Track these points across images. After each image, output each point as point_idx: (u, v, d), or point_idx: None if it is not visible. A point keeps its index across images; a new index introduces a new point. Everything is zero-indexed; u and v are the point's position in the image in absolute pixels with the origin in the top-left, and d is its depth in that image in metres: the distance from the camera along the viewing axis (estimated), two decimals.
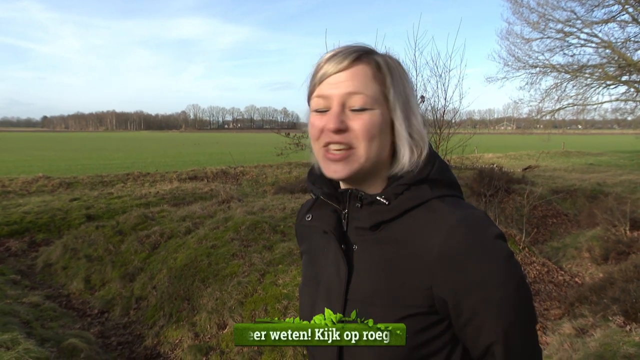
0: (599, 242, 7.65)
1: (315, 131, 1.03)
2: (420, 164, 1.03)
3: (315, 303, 1.10)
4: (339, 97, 0.99)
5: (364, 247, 1.03)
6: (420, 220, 0.98)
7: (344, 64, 0.98)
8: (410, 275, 0.97)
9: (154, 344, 5.25)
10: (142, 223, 8.60)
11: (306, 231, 1.24)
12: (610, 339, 4.09)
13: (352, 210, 1.06)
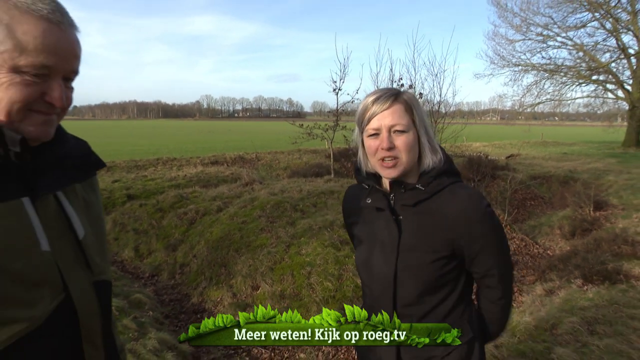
0: (568, 220, 8.04)
1: (373, 149, 1.42)
2: (441, 162, 1.47)
3: (372, 254, 1.50)
4: (386, 126, 1.38)
5: (407, 216, 1.44)
6: (444, 198, 1.41)
7: (386, 105, 1.39)
8: (438, 233, 1.40)
9: (199, 301, 5.70)
10: (179, 202, 9.00)
11: (360, 210, 1.60)
12: (570, 297, 4.55)
13: (397, 194, 1.46)
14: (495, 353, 3.63)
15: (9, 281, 0.85)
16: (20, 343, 0.88)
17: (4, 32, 0.86)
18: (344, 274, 5.34)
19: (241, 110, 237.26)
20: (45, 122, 0.95)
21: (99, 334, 1.05)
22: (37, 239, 0.92)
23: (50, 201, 0.98)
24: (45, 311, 0.92)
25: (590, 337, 3.77)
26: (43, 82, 0.91)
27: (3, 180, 0.89)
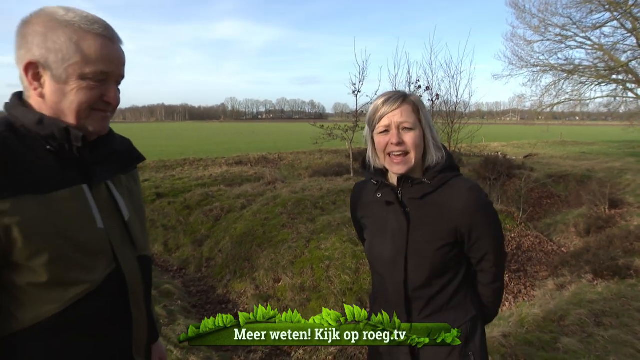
0: (583, 218, 8.03)
1: (383, 145, 1.54)
2: (444, 159, 1.59)
3: (384, 244, 1.61)
4: (396, 124, 1.50)
5: (415, 208, 1.56)
6: (447, 191, 1.54)
7: (396, 105, 1.51)
8: (443, 222, 1.52)
9: (224, 293, 5.92)
10: (205, 200, 9.27)
11: (369, 204, 1.72)
12: (580, 290, 4.61)
13: (405, 188, 1.58)
14: (503, 342, 3.73)
15: (75, 250, 1.06)
16: (82, 302, 1.08)
17: (74, 48, 1.07)
18: (361, 268, 5.49)
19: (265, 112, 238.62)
20: (103, 118, 1.16)
21: (142, 299, 1.24)
22: (94, 218, 1.12)
23: (103, 188, 1.18)
24: (101, 277, 1.11)
25: (596, 328, 3.85)
26: (102, 85, 1.12)
27: (68, 170, 1.10)
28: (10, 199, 0.97)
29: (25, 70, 1.08)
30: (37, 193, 1.02)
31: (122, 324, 1.18)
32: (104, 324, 1.14)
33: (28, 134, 1.07)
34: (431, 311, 1.56)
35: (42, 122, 1.07)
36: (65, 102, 1.09)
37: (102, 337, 1.14)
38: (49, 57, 1.06)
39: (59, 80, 1.08)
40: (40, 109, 1.10)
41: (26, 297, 1.03)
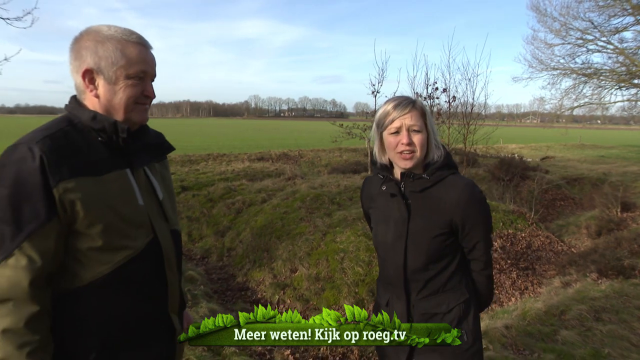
0: (595, 220, 8.05)
1: (394, 144, 1.68)
2: (442, 157, 1.77)
3: (387, 231, 1.78)
4: (406, 126, 1.68)
5: (415, 200, 1.74)
6: (445, 186, 1.71)
7: (406, 110, 1.67)
8: (440, 214, 1.69)
9: (244, 281, 6.17)
10: (227, 193, 9.57)
11: (376, 196, 1.90)
12: (584, 288, 4.72)
13: (407, 182, 1.74)
14: (505, 333, 3.88)
15: (121, 221, 1.30)
16: (127, 264, 1.32)
17: (119, 54, 1.32)
18: (374, 261, 5.68)
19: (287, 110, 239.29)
20: (144, 110, 1.41)
21: (175, 265, 1.47)
22: (136, 196, 1.36)
23: (141, 173, 1.43)
24: (142, 244, 1.35)
25: (595, 323, 3.97)
26: (142, 83, 1.37)
27: (115, 157, 1.35)
28: (74, 179, 1.21)
29: (83, 76, 1.33)
30: (92, 175, 1.26)
31: (159, 285, 1.42)
32: (145, 284, 1.37)
33: (84, 128, 1.32)
34: (428, 293, 1.72)
35: (96, 118, 1.32)
36: (116, 99, 1.34)
37: (144, 295, 1.37)
38: (101, 64, 1.32)
39: (110, 81, 1.33)
40: (94, 107, 1.35)
41: (85, 259, 1.27)
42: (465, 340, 1.69)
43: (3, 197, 1.17)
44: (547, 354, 3.49)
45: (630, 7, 14.63)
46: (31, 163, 1.17)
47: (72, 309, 1.27)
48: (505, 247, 6.82)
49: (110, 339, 1.30)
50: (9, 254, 1.16)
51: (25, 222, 1.17)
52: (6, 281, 1.16)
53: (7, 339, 1.15)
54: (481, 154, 17.19)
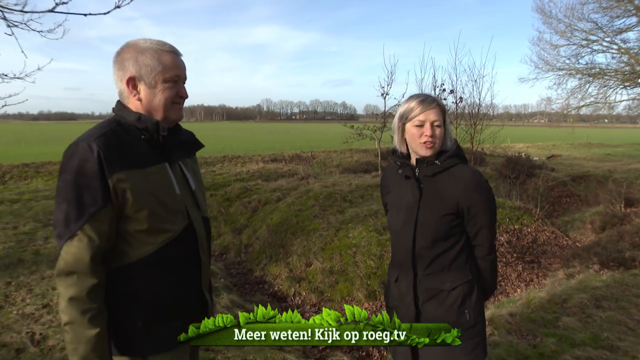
0: (599, 216, 8.13)
1: (417, 135, 1.83)
2: (453, 147, 1.94)
3: (400, 210, 1.92)
4: (430, 121, 1.82)
5: (427, 184, 1.88)
6: (454, 173, 1.87)
7: (431, 107, 1.83)
8: (448, 196, 1.84)
9: (261, 275, 6.38)
10: (244, 193, 9.79)
11: (393, 180, 2.02)
12: (586, 279, 4.85)
13: (421, 167, 1.88)
14: (509, 320, 4.03)
15: (162, 208, 1.49)
16: (168, 245, 1.51)
17: (156, 62, 1.52)
18: (385, 255, 5.85)
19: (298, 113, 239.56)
20: (179, 108, 1.61)
21: (206, 248, 1.67)
22: (174, 187, 1.56)
23: (177, 166, 1.63)
24: (179, 228, 1.54)
25: (595, 310, 4.10)
26: (176, 85, 1.57)
27: (155, 152, 1.54)
28: (125, 171, 1.41)
29: (127, 83, 1.52)
30: (138, 167, 1.46)
31: (193, 264, 1.61)
32: (182, 263, 1.57)
33: (130, 127, 1.52)
34: (433, 270, 1.84)
35: (140, 118, 1.51)
36: (155, 100, 1.53)
37: (181, 272, 1.56)
38: (141, 72, 1.51)
39: (150, 86, 1.52)
40: (137, 109, 1.55)
41: (133, 240, 1.47)
42: (468, 320, 1.82)
43: (68, 183, 1.37)
44: (549, 338, 3.63)
45: (633, 7, 14.60)
46: (91, 157, 1.37)
47: (121, 283, 1.46)
48: (512, 242, 6.94)
49: (154, 310, 1.49)
50: (73, 234, 1.36)
51: (87, 207, 1.36)
52: (72, 257, 1.36)
53: (72, 306, 1.35)
54: (489, 153, 17.24)
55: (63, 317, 1.37)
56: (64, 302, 1.35)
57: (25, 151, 23.72)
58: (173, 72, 1.53)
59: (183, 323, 1.57)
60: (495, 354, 3.34)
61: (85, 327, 1.35)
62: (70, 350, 1.37)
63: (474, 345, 1.84)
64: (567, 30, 16.71)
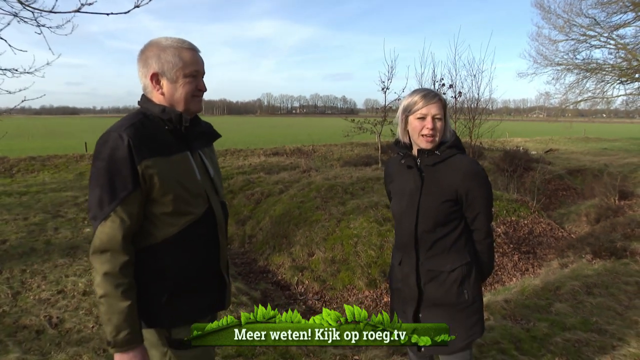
0: (594, 208, 8.27)
1: (419, 128, 1.93)
2: (452, 139, 2.05)
3: (404, 196, 2.01)
4: (431, 114, 1.91)
5: (428, 173, 1.96)
6: (453, 162, 1.97)
7: (433, 101, 1.91)
8: (448, 184, 1.93)
9: (265, 264, 6.53)
10: (246, 185, 9.92)
11: (396, 170, 2.12)
12: (578, 267, 5.00)
13: (422, 157, 1.97)
14: (505, 306, 4.19)
15: (185, 192, 1.62)
16: (190, 227, 1.64)
17: (177, 58, 1.63)
18: (385, 244, 6.00)
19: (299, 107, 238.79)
20: (199, 101, 1.73)
21: (224, 230, 1.80)
22: (195, 173, 1.69)
23: (197, 155, 1.75)
24: (200, 211, 1.68)
25: (586, 296, 4.26)
26: (195, 79, 1.69)
27: (178, 142, 1.66)
28: (152, 159, 1.54)
29: (151, 79, 1.65)
30: (164, 155, 1.59)
31: (213, 245, 1.74)
32: (203, 243, 1.70)
33: (154, 118, 1.64)
34: (434, 253, 1.95)
35: (164, 110, 1.64)
36: (177, 94, 1.65)
37: (202, 252, 1.70)
38: (164, 68, 1.64)
39: (172, 81, 1.65)
40: (160, 102, 1.67)
41: (158, 221, 1.60)
42: (467, 299, 1.95)
43: (101, 169, 1.49)
44: (541, 322, 3.78)
45: (630, 3, 14.68)
46: (122, 145, 1.49)
47: (148, 261, 1.60)
48: (508, 233, 7.09)
49: (177, 285, 1.63)
50: (107, 216, 1.49)
51: (118, 191, 1.49)
52: (106, 236, 1.49)
53: (106, 280, 1.48)
54: (488, 147, 17.36)
55: (98, 291, 1.50)
56: (99, 277, 1.49)
57: (30, 145, 23.83)
58: (193, 67, 1.65)
59: (203, 298, 1.72)
60: (490, 337, 3.50)
61: (118, 299, 1.49)
62: (105, 321, 1.51)
63: (473, 323, 1.97)
64: (565, 26, 16.81)
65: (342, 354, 3.34)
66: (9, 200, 9.03)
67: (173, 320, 1.64)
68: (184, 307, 1.65)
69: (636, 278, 4.60)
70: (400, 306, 2.09)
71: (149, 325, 1.62)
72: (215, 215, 1.73)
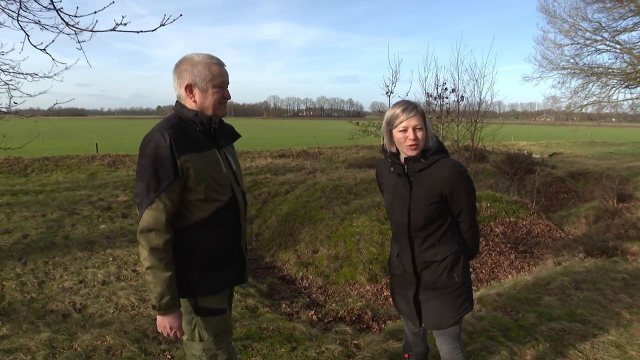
0: (593, 211, 8.49)
1: (403, 139, 2.10)
2: (435, 145, 2.28)
3: (394, 201, 2.23)
4: (412, 126, 2.07)
5: (415, 178, 2.15)
6: (437, 166, 2.17)
7: (412, 114, 2.07)
8: (434, 187, 2.11)
9: (271, 261, 6.83)
10: (254, 185, 10.24)
11: (386, 175, 2.32)
12: (570, 265, 5.24)
13: (409, 165, 2.16)
14: (497, 298, 4.45)
15: (215, 182, 1.93)
16: (218, 211, 1.95)
17: (207, 72, 1.94)
18: (386, 242, 6.28)
19: (305, 110, 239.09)
20: (224, 107, 2.03)
21: (244, 215, 2.11)
22: (222, 167, 2.00)
23: (222, 152, 2.06)
24: (226, 198, 1.99)
25: (574, 291, 4.51)
26: (222, 89, 1.99)
27: (208, 140, 1.97)
28: (189, 154, 1.86)
29: (185, 89, 1.96)
30: (198, 152, 1.90)
31: (236, 227, 2.06)
32: (228, 225, 2.01)
33: (188, 121, 1.96)
34: (427, 246, 2.19)
35: (197, 114, 1.96)
36: (206, 102, 1.96)
37: (227, 233, 2.01)
38: (196, 79, 1.95)
39: (203, 91, 1.96)
40: (193, 108, 1.98)
41: (192, 207, 1.91)
42: (457, 282, 2.21)
43: (149, 163, 1.80)
44: (530, 313, 4.05)
45: (636, 7, 14.85)
46: (164, 143, 1.80)
47: (182, 241, 1.91)
48: (506, 233, 7.34)
49: (207, 261, 1.95)
50: (153, 201, 1.80)
51: (162, 180, 1.80)
52: (152, 218, 1.80)
53: (152, 254, 1.80)
54: (492, 150, 17.57)
55: (145, 263, 1.82)
56: (146, 252, 1.80)
57: (43, 146, 24.31)
58: (220, 79, 1.95)
59: (227, 273, 2.04)
60: (480, 326, 3.77)
61: (162, 270, 1.81)
62: (150, 289, 1.84)
63: (463, 301, 2.26)
64: (571, 30, 16.97)
65: (342, 338, 3.62)
66: (26, 199, 9.41)
67: (202, 291, 1.96)
68: (211, 280, 1.98)
69: (623, 274, 4.85)
70: (401, 290, 2.36)
71: (181, 296, 1.93)
72: (238, 202, 2.05)
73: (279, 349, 3.41)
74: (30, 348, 3.31)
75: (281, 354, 3.32)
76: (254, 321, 3.95)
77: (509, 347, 3.38)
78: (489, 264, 6.37)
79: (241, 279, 2.14)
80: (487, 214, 7.69)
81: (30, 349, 3.30)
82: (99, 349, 3.34)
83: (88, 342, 3.42)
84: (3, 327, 3.69)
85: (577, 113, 20.05)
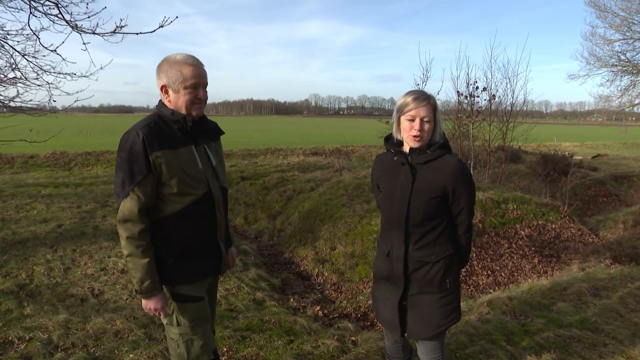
0: (632, 215, 8.09)
1: (408, 128, 2.07)
2: (442, 140, 2.22)
3: (395, 193, 2.15)
4: (420, 117, 2.04)
5: (419, 170, 2.11)
6: (442, 161, 2.09)
7: (423, 104, 2.04)
8: (437, 181, 2.07)
9: (290, 256, 6.91)
10: (280, 182, 10.37)
11: (388, 165, 2.24)
12: (593, 271, 5.03)
13: (413, 155, 2.12)
14: (507, 302, 4.34)
15: (188, 177, 2.02)
16: (192, 204, 2.04)
17: (178, 73, 2.01)
18: None
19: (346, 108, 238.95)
20: (199, 107, 2.10)
21: (222, 209, 2.18)
22: (197, 162, 2.07)
23: (201, 148, 2.14)
24: (201, 192, 2.07)
25: (591, 298, 4.34)
26: (195, 90, 2.05)
27: (185, 137, 2.06)
28: (161, 151, 1.95)
29: (161, 89, 2.06)
30: (171, 148, 1.99)
31: (211, 220, 2.14)
32: (203, 218, 2.10)
33: (167, 119, 2.05)
34: (422, 245, 2.12)
35: (173, 113, 2.05)
36: (179, 102, 2.04)
37: (202, 225, 2.09)
38: (169, 81, 2.03)
39: (175, 92, 2.04)
40: (169, 107, 2.07)
41: (167, 199, 2.00)
42: (448, 288, 2.16)
43: (124, 159, 1.92)
44: (539, 319, 3.93)
45: None
46: (138, 140, 1.91)
47: (158, 231, 2.01)
48: (532, 236, 7.11)
49: (181, 251, 2.04)
50: (127, 194, 1.92)
51: (136, 174, 1.91)
52: (127, 209, 1.92)
53: (129, 243, 1.92)
54: (530, 151, 17.01)
55: (124, 252, 1.96)
56: (124, 241, 1.93)
57: (87, 141, 25.51)
58: (192, 81, 2.01)
59: (202, 263, 2.13)
60: (484, 329, 3.70)
61: (139, 257, 1.93)
62: (132, 274, 1.97)
63: (451, 311, 2.20)
64: (623, 24, 16.17)
65: (341, 334, 3.64)
66: (66, 191, 9.93)
67: (177, 279, 2.06)
68: (186, 269, 2.07)
69: None
70: (386, 294, 2.28)
71: (160, 282, 2.03)
72: (214, 196, 2.12)
73: (276, 341, 3.47)
74: (47, 327, 3.58)
75: (277, 346, 3.38)
76: (257, 313, 4.03)
77: (509, 352, 3.30)
78: (509, 267, 6.20)
79: (217, 269, 2.21)
80: (513, 215, 7.47)
81: (48, 328, 3.57)
82: (108, 331, 3.54)
83: (99, 325, 3.63)
84: (27, 307, 4.01)
85: (630, 113, 19.04)
